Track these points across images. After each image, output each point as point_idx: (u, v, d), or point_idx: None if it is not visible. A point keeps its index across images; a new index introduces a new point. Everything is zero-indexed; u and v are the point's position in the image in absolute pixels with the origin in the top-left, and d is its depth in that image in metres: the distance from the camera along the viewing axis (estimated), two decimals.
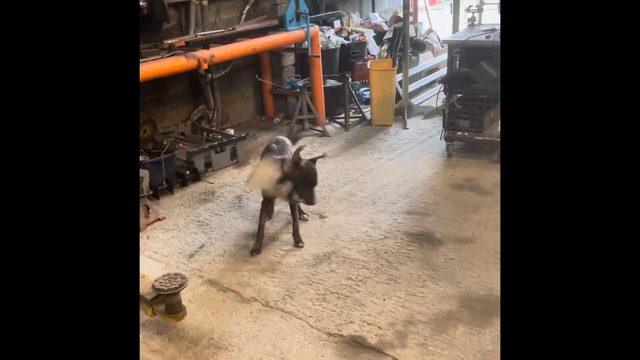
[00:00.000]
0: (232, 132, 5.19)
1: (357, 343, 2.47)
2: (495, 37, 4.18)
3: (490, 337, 2.44)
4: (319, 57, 5.43)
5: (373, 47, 6.54)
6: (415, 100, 6.19)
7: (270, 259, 3.23)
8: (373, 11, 7.39)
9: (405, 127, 5.54)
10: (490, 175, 4.23)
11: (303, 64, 5.94)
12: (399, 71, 5.77)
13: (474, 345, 2.39)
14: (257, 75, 5.83)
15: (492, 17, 5.03)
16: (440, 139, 4.73)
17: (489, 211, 3.66)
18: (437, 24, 8.62)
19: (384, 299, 2.76)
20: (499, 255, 3.09)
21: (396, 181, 4.28)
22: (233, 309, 2.76)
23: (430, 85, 6.60)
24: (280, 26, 5.22)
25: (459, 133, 4.60)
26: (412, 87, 6.23)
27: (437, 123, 5.15)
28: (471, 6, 4.88)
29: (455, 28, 5.31)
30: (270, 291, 2.89)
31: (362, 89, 6.17)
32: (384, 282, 2.92)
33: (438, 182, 4.25)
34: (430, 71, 6.85)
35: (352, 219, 3.68)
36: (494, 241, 3.26)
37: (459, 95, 4.68)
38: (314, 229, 3.55)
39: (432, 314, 2.63)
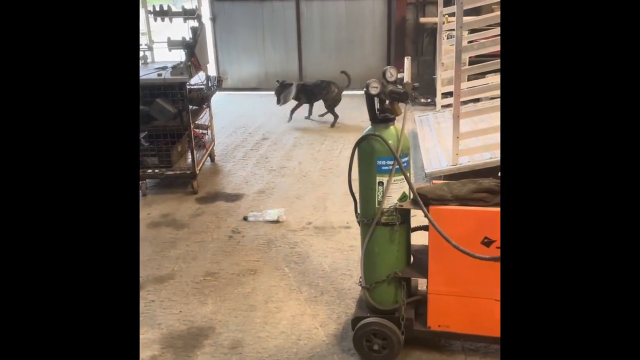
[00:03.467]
0: None
1: None
2: (167, 74, 4.29)
3: None
4: None
5: None
6: None
7: None
8: None
9: None
10: (186, 208, 4.31)
11: None
12: None
13: None
14: None
15: (163, 55, 5.16)
16: None
17: (186, 243, 3.70)
18: None
19: None
20: (197, 285, 3.16)
21: None
22: None
23: None
24: None
25: (150, 170, 4.55)
26: None
27: None
28: (141, 45, 4.90)
29: None
30: None
31: None
32: None
33: None
34: None
35: None
36: (193, 273, 3.31)
37: (144, 132, 4.64)
38: None
39: None
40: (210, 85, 4.90)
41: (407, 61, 4.68)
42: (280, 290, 3.09)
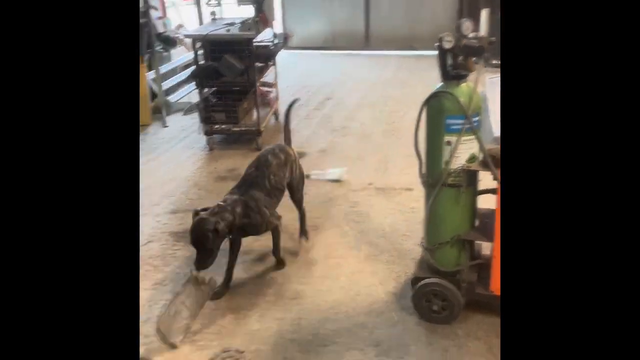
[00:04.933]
0: None
1: None
2: (235, 29, 4.32)
3: (256, 317, 2.55)
4: None
5: None
6: (174, 97, 6.05)
7: None
8: None
9: (164, 125, 5.38)
10: None
11: None
12: (150, 68, 5.56)
13: (241, 329, 2.47)
14: None
15: (232, 11, 5.19)
16: (199, 134, 4.73)
17: None
18: (189, 19, 8.55)
19: (149, 306, 2.65)
20: (261, 238, 3.25)
21: (159, 182, 4.13)
22: None
23: (187, 80, 6.53)
24: None
25: (217, 126, 4.67)
26: (168, 84, 6.07)
27: (197, 118, 5.13)
28: (210, 0, 4.95)
29: (200, 22, 5.33)
30: None
31: None
32: (149, 288, 2.79)
33: (202, 177, 4.25)
34: (187, 66, 6.76)
35: None
36: None
37: (213, 88, 4.75)
38: None
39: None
40: (276, 42, 4.90)
41: (484, 14, 4.40)
42: (340, 247, 3.13)
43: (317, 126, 5.24)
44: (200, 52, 4.57)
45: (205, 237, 2.39)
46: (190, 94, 6.06)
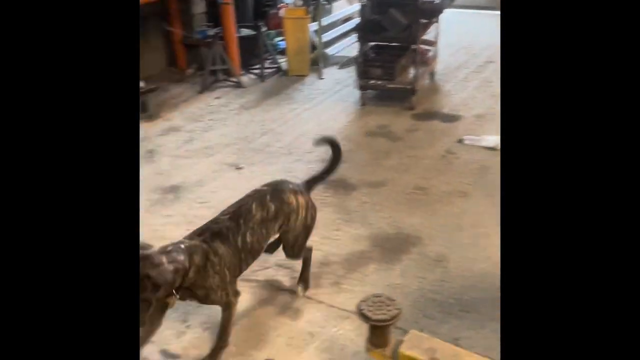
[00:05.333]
0: (141, 84, 4.93)
1: (272, 286, 2.53)
2: None
3: (398, 272, 2.59)
4: (229, 4, 5.23)
5: None
6: (331, 50, 6.17)
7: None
8: None
9: (321, 77, 5.54)
10: (402, 122, 4.37)
11: (214, 12, 5.70)
12: (313, 20, 5.70)
13: (383, 280, 2.53)
14: (165, 25, 5.53)
15: None
16: (354, 88, 4.79)
17: (399, 156, 3.80)
18: None
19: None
20: (407, 196, 3.27)
21: (312, 131, 4.30)
22: None
23: (345, 34, 6.59)
24: None
25: (372, 81, 4.67)
26: (327, 37, 6.19)
27: (352, 72, 5.20)
28: None
29: None
30: None
31: (277, 39, 6.05)
32: None
33: (353, 130, 4.33)
34: (345, 20, 6.83)
35: (268, 169, 3.68)
36: (404, 184, 3.41)
37: (372, 43, 4.74)
38: (230, 181, 3.53)
39: (345, 254, 2.74)
40: None
41: None
42: (490, 218, 2.99)
43: (474, 90, 4.99)
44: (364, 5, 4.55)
45: (141, 282, 1.73)
46: (347, 48, 6.12)
